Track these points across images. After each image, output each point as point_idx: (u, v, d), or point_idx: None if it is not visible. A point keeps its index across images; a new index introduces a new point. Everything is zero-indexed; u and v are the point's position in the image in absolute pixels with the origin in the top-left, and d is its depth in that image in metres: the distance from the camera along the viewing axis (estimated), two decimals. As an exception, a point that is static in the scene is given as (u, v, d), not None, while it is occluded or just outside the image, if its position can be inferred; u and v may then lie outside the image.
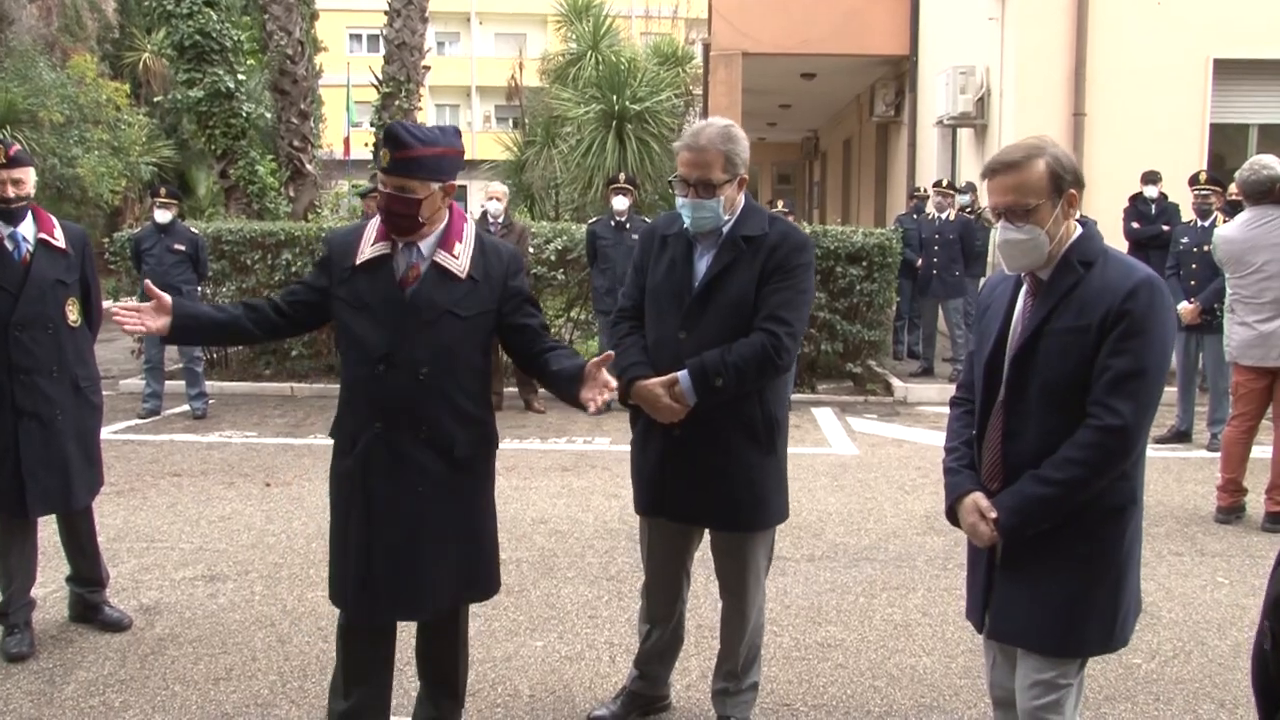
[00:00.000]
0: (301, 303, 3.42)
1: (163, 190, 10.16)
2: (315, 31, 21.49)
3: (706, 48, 17.46)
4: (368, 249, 3.29)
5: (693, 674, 4.35)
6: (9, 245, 4.49)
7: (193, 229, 10.25)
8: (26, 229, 4.54)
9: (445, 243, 3.28)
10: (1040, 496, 2.67)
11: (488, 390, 3.44)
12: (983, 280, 12.20)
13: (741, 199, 3.55)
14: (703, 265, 3.52)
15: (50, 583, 5.12)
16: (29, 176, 4.53)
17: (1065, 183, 2.72)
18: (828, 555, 5.84)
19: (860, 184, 21.92)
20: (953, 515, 2.93)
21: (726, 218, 3.49)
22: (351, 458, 3.30)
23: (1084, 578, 2.72)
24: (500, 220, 9.62)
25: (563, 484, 7.40)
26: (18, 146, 4.56)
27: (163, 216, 9.78)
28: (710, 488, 3.51)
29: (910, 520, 6.56)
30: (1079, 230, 2.77)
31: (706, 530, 3.73)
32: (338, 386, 3.45)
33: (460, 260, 3.27)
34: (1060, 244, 2.74)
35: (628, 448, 3.91)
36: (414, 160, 3.14)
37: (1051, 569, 2.74)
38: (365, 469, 3.28)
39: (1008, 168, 2.73)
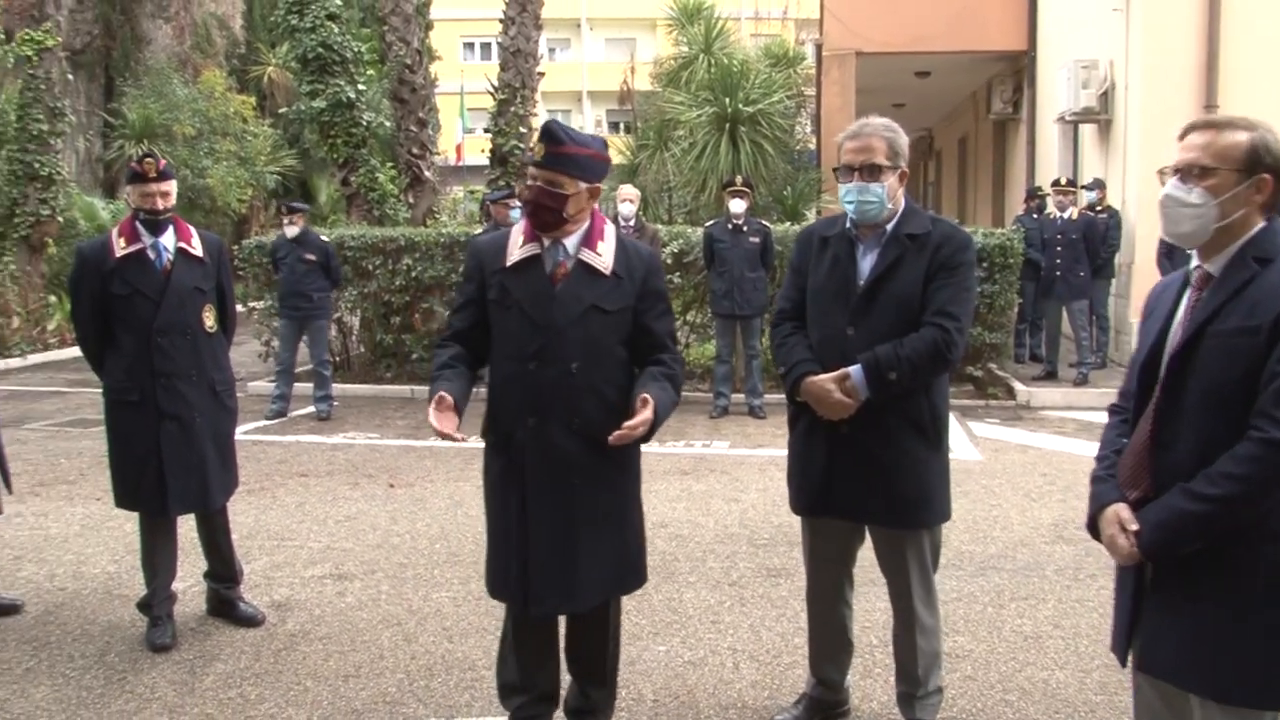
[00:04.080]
0: (477, 323, 3.49)
1: (285, 208, 10.56)
2: (430, 41, 21.87)
3: (819, 48, 17.31)
4: (517, 251, 3.40)
5: (877, 678, 4.31)
6: (151, 254, 4.68)
7: (323, 238, 10.54)
8: (168, 239, 4.72)
9: (589, 241, 3.38)
10: (1190, 513, 2.40)
11: (632, 383, 3.48)
12: (1113, 282, 11.89)
13: (902, 198, 3.56)
14: (867, 263, 3.53)
15: (189, 577, 5.29)
16: (173, 189, 4.73)
17: (1262, 165, 2.47)
18: (953, 563, 5.72)
19: (977, 183, 21.48)
20: (1094, 527, 2.70)
21: (889, 206, 3.48)
22: (507, 454, 3.39)
23: (1261, 612, 2.40)
24: (631, 224, 9.68)
25: (682, 488, 7.39)
26: (165, 161, 4.74)
27: (291, 231, 10.14)
28: (878, 484, 3.48)
29: (1038, 528, 6.39)
30: (1260, 224, 2.51)
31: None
32: None
33: (604, 257, 3.37)
34: (1235, 233, 2.50)
35: (746, 451, 3.92)
36: (567, 157, 3.27)
37: (1217, 599, 2.44)
38: (521, 464, 3.36)
39: (1206, 126, 2.54)
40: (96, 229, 16.87)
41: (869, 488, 3.50)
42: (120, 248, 4.65)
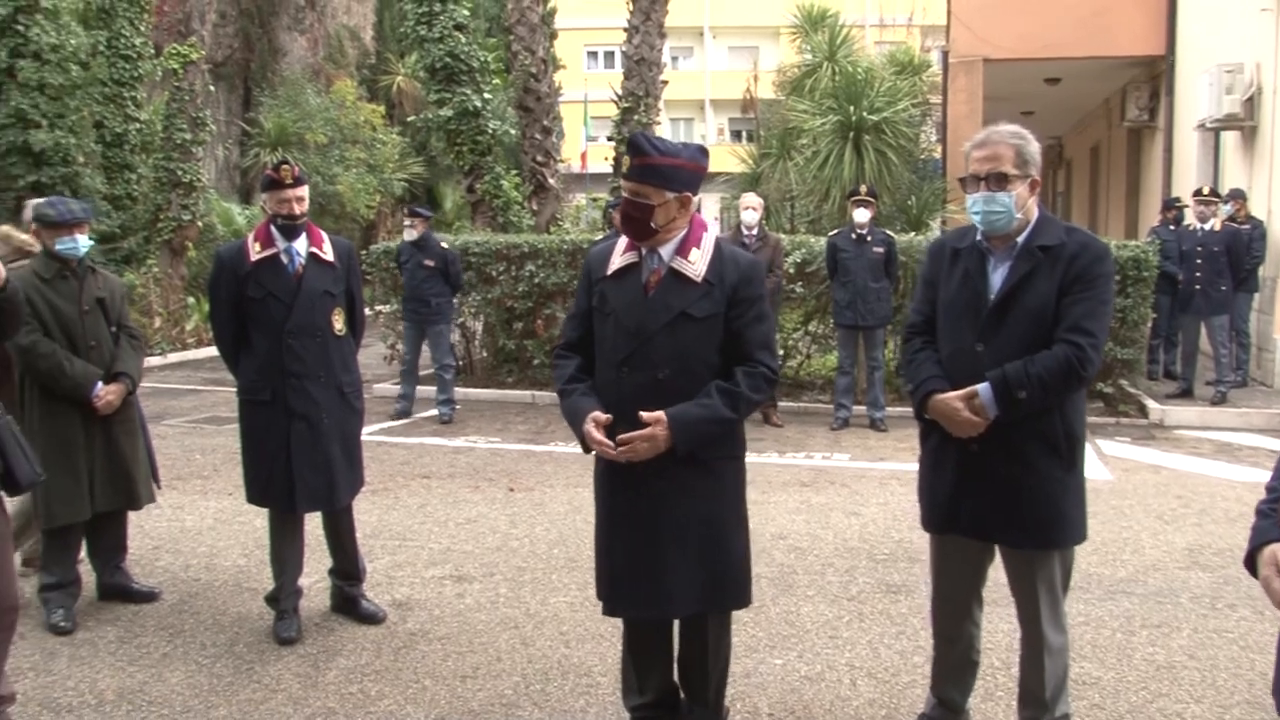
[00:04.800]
0: (589, 331, 3.56)
1: (406, 210, 10.78)
2: (555, 50, 22.22)
3: (945, 55, 16.99)
4: (618, 259, 3.47)
5: (999, 701, 4.21)
6: (285, 259, 4.81)
7: (444, 244, 10.73)
8: (300, 244, 4.85)
9: (683, 249, 3.40)
10: None
11: None
12: (1256, 296, 11.39)
13: (1035, 207, 3.45)
14: (998, 277, 3.43)
15: (314, 573, 5.42)
16: (306, 195, 4.86)
17: None
18: (1081, 586, 5.52)
19: (1109, 194, 20.84)
20: (1252, 563, 2.41)
21: (1019, 216, 3.38)
22: (605, 460, 3.44)
23: None
24: (755, 232, 9.63)
25: (801, 499, 7.31)
26: (299, 168, 4.88)
27: (410, 234, 10.35)
28: (1008, 503, 3.39)
29: (1171, 553, 6.14)
30: None
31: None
32: None
33: (696, 265, 3.38)
34: None
35: (867, 464, 3.85)
36: (651, 168, 3.30)
37: None
38: (612, 469, 3.43)
39: None
40: (233, 233, 17.48)
41: (999, 507, 3.40)
42: (256, 252, 4.79)
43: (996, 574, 3.66)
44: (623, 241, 3.50)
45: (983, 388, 3.32)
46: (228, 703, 4.27)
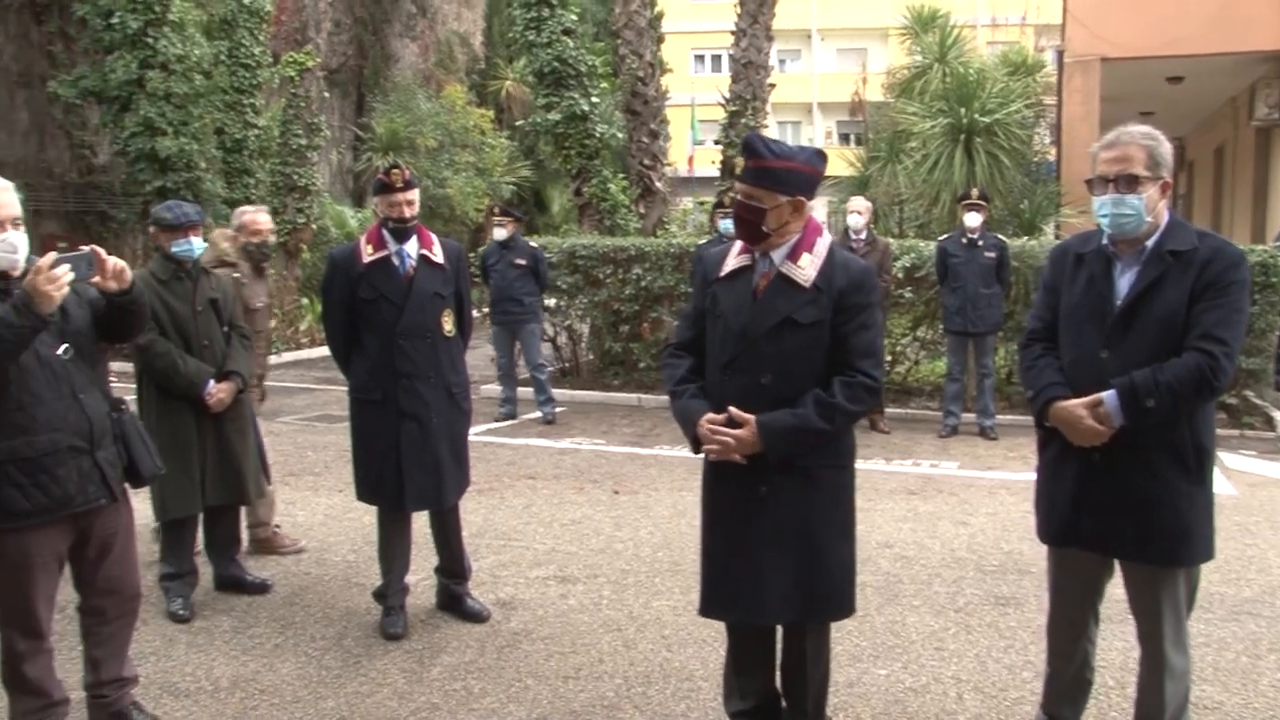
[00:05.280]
0: (701, 333, 3.54)
1: (496, 210, 10.85)
2: (662, 54, 22.22)
3: (1060, 55, 16.54)
4: (731, 261, 3.45)
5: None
6: (396, 261, 4.89)
7: (532, 243, 10.81)
8: (411, 246, 4.92)
9: (794, 254, 3.36)
10: None
11: None
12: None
13: (1165, 210, 3.33)
14: (1125, 282, 3.31)
15: (421, 571, 5.49)
16: (417, 198, 4.93)
17: None
18: (1203, 605, 5.27)
19: (1234, 196, 20.09)
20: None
21: (1148, 219, 3.26)
22: (708, 461, 3.44)
23: None
24: (862, 236, 9.52)
25: (908, 507, 7.19)
26: (410, 172, 4.96)
27: (500, 234, 10.43)
28: (1131, 516, 3.27)
29: (1299, 570, 5.90)
30: None
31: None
32: None
33: (806, 270, 3.33)
34: None
35: (976, 473, 3.76)
36: (765, 171, 3.27)
37: None
38: (715, 471, 3.44)
39: None
40: (345, 236, 17.89)
41: (1121, 520, 3.28)
42: (368, 254, 4.88)
43: (1114, 590, 3.54)
44: (738, 244, 3.48)
45: (1108, 395, 3.20)
46: (335, 694, 4.36)
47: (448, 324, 4.96)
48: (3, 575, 3.63)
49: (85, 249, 3.51)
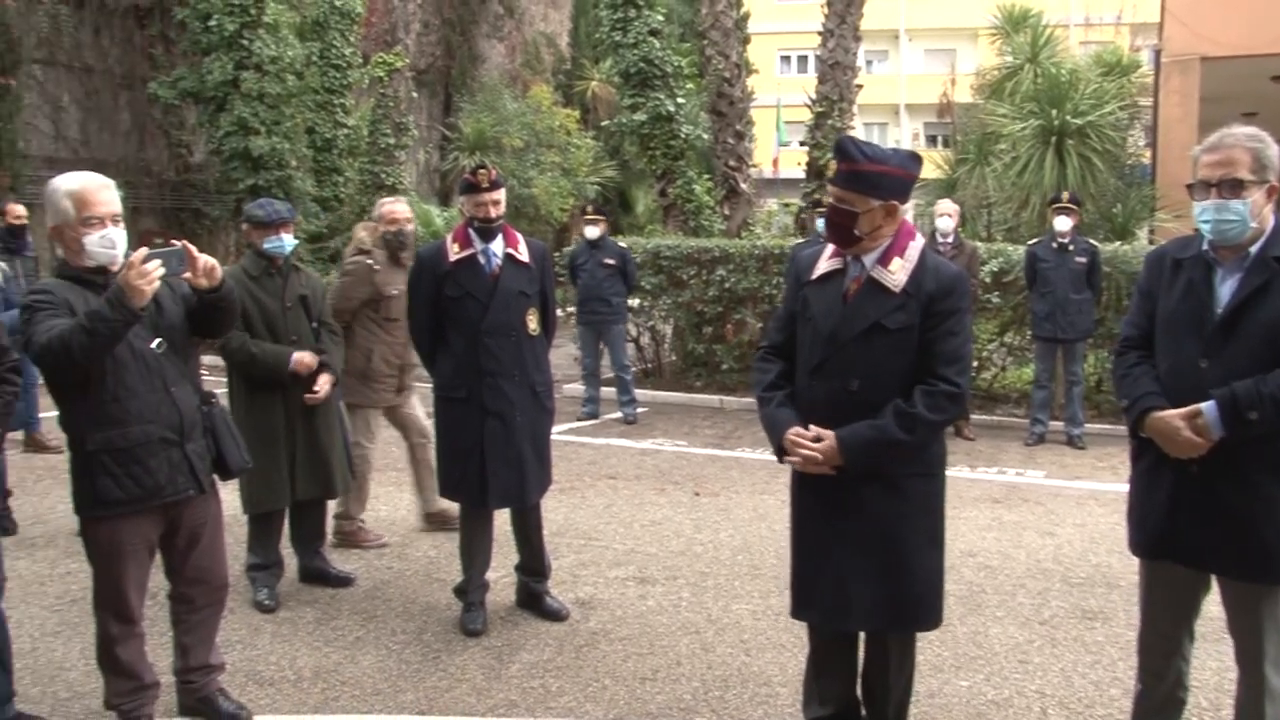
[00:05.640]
0: (792, 336, 3.52)
1: (589, 208, 10.85)
2: (748, 55, 22.17)
3: (1157, 54, 16.11)
4: (823, 264, 3.42)
5: None
6: (482, 259, 4.93)
7: (620, 243, 10.82)
8: (497, 245, 4.96)
9: (885, 258, 3.31)
10: None
11: None
12: None
13: (1271, 215, 3.19)
14: (1226, 289, 3.19)
15: (501, 568, 5.52)
16: (503, 198, 4.97)
17: None
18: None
19: (1341, 201, 19.41)
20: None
21: (1253, 225, 3.13)
22: (795, 467, 3.42)
23: None
24: (950, 239, 9.39)
25: (993, 516, 7.06)
26: (496, 171, 4.99)
27: (592, 232, 10.43)
28: (1230, 531, 3.14)
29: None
30: None
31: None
32: None
33: (896, 275, 3.29)
34: None
35: (1062, 482, 3.67)
36: (858, 174, 3.23)
37: None
38: (799, 477, 3.42)
39: None
40: (431, 234, 18.07)
41: (1219, 534, 3.16)
42: (454, 253, 4.93)
43: (1210, 607, 3.42)
44: (830, 246, 3.44)
45: (1208, 406, 3.08)
46: (415, 688, 4.41)
47: (532, 322, 4.99)
48: (97, 560, 3.77)
49: (176, 245, 3.59)
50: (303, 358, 5.27)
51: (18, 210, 9.27)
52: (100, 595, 3.82)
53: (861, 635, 3.55)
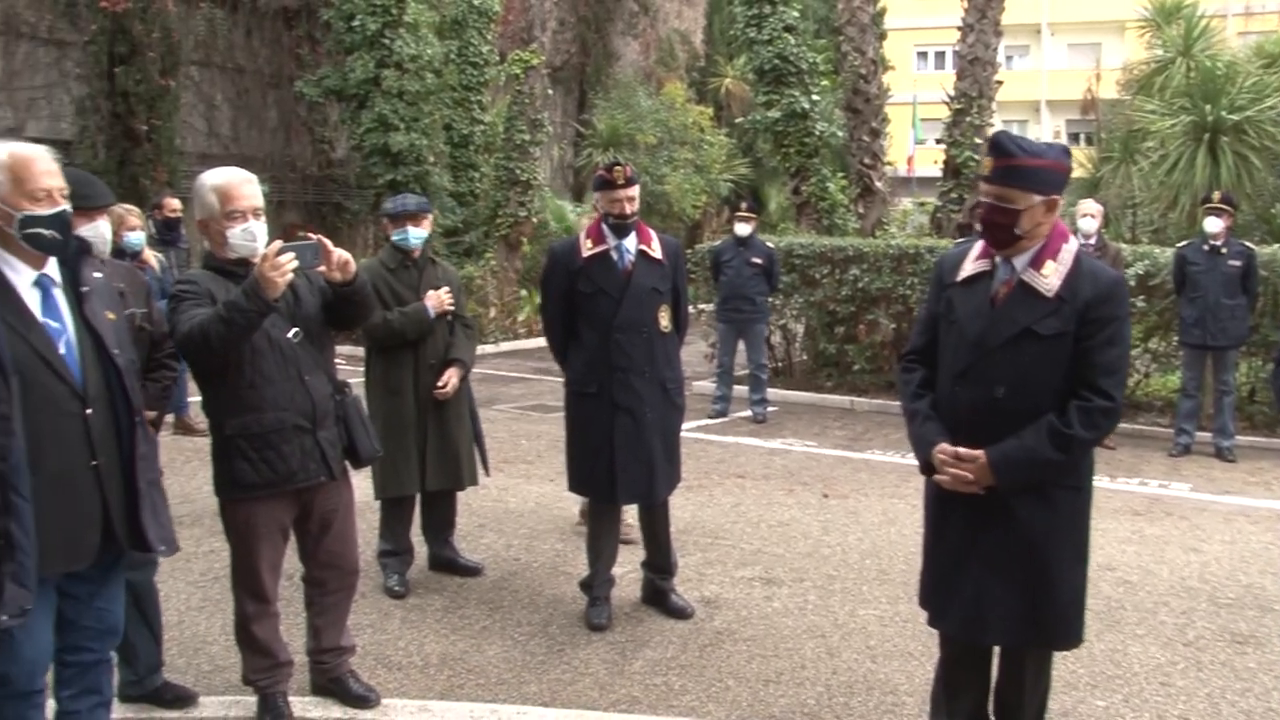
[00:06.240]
0: (935, 340, 3.40)
1: (743, 205, 10.72)
2: (884, 51, 21.86)
3: (1328, 43, 15.35)
4: (969, 265, 3.29)
5: None
6: (615, 255, 4.94)
7: (768, 243, 10.74)
8: (630, 241, 4.96)
9: (1037, 260, 3.17)
10: None
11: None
12: None
13: None
14: None
15: (627, 564, 5.54)
16: (637, 194, 4.96)
17: None
18: None
19: None
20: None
21: None
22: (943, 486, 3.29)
23: None
24: (1093, 241, 9.08)
25: (1133, 529, 6.79)
26: (631, 168, 4.99)
27: (742, 230, 10.33)
28: None
29: None
30: None
31: None
32: (897, 403, 3.46)
33: (1049, 279, 3.14)
34: None
35: (1210, 496, 3.50)
36: (1017, 170, 3.09)
37: None
38: (937, 485, 3.29)
39: None
40: (565, 230, 18.28)
41: None
42: (587, 249, 4.95)
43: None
44: (977, 247, 3.32)
45: None
46: (538, 680, 4.44)
47: (664, 319, 4.98)
48: (234, 541, 3.91)
49: (312, 239, 3.68)
50: (435, 295, 5.36)
51: (173, 204, 9.66)
52: (237, 575, 3.95)
53: (995, 648, 3.44)
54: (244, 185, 3.77)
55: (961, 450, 3.15)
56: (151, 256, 7.68)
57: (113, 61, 14.19)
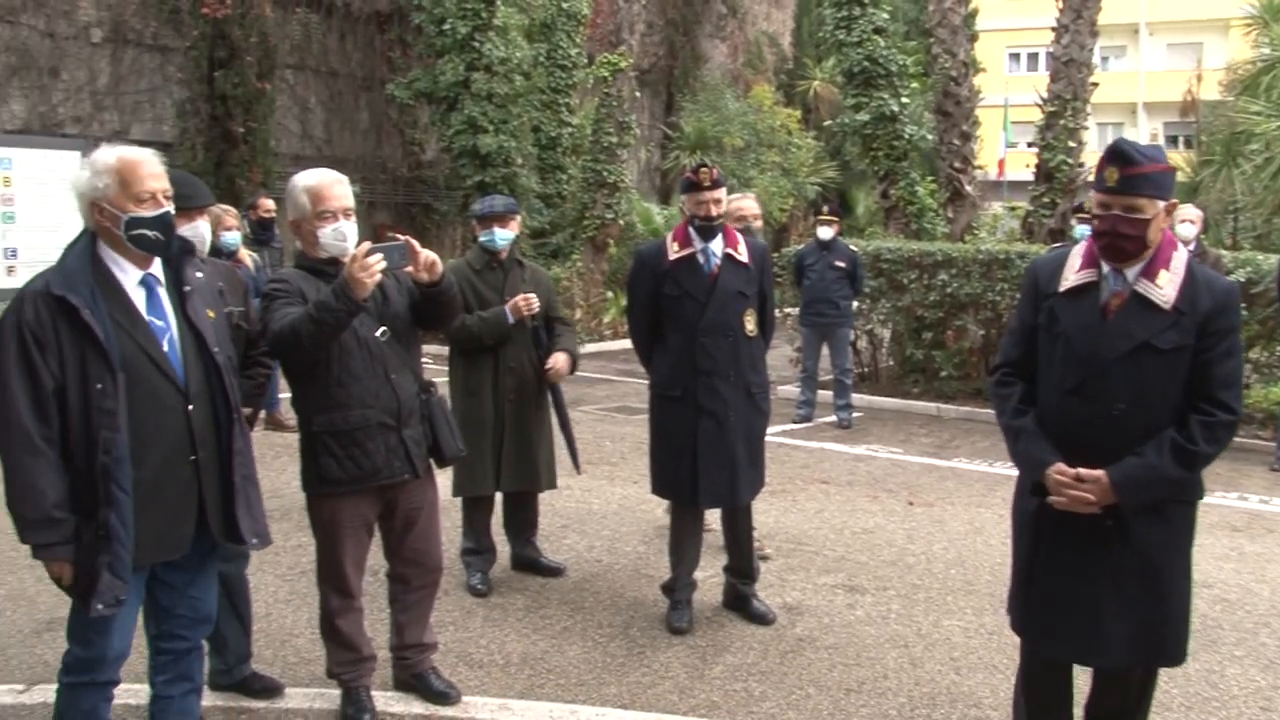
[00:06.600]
0: (1032, 351, 3.27)
1: (825, 208, 10.65)
2: (975, 53, 21.51)
3: None
4: (1072, 275, 3.15)
5: None
6: (701, 259, 4.92)
7: (851, 246, 10.65)
8: (716, 244, 4.94)
9: (1149, 270, 3.05)
10: None
11: None
12: None
13: None
14: None
15: (709, 568, 5.51)
16: (724, 197, 4.94)
17: None
18: None
19: None
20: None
21: None
22: (1039, 496, 3.17)
23: None
24: (1192, 247, 8.82)
25: (1231, 545, 6.58)
26: (718, 170, 4.98)
27: (825, 233, 10.25)
28: None
29: None
30: None
31: None
32: (985, 411, 3.37)
33: (1165, 290, 3.02)
34: None
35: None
36: (1144, 177, 2.98)
37: None
38: (1047, 506, 3.15)
39: None
40: (651, 232, 18.31)
41: None
42: (674, 251, 4.94)
43: None
44: (1076, 255, 3.19)
45: None
46: (618, 681, 4.44)
47: (750, 323, 4.95)
48: (319, 536, 3.98)
49: (400, 239, 3.73)
50: (515, 301, 5.34)
51: (267, 204, 9.88)
52: (322, 569, 4.02)
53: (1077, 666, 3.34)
54: (335, 186, 3.84)
55: (1082, 471, 3.04)
56: (246, 256, 7.84)
57: (212, 66, 14.57)
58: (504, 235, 5.47)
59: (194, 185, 3.94)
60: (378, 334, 3.86)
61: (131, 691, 3.90)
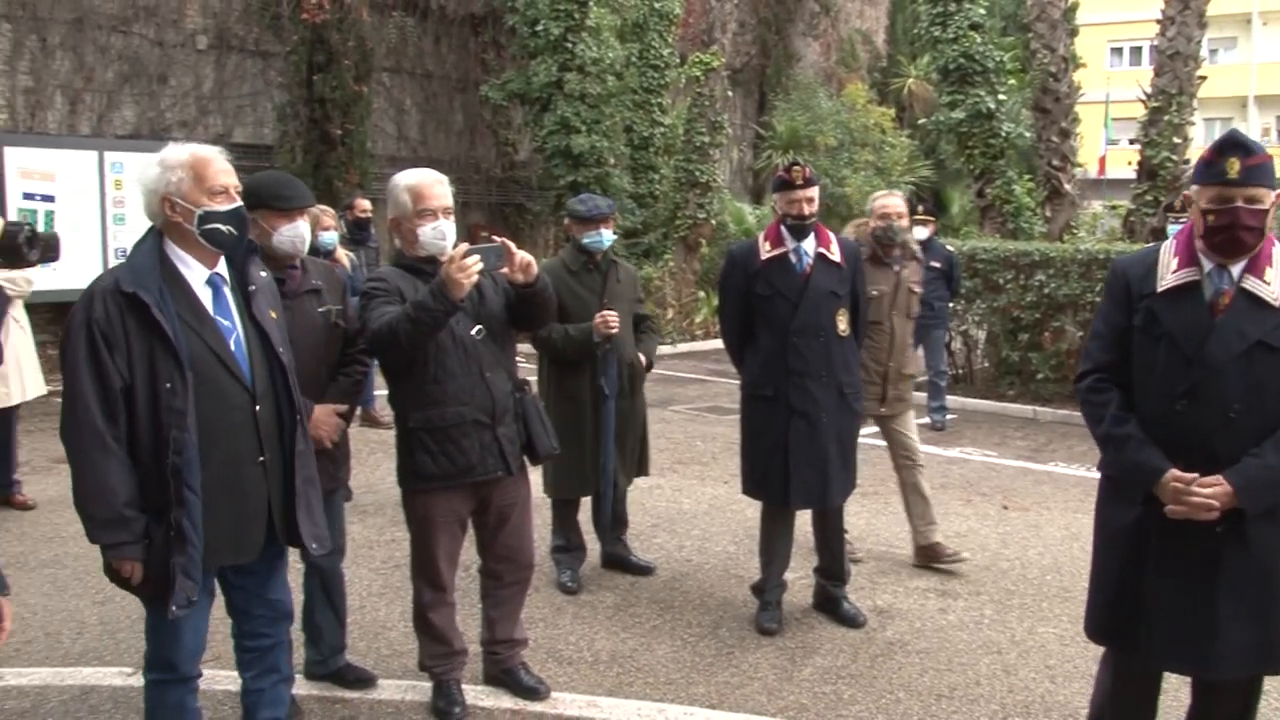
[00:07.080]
0: (1126, 355, 3.16)
1: (920, 208, 10.50)
2: (1075, 47, 21.04)
3: None
4: (1170, 275, 3.06)
5: None
6: (793, 258, 4.90)
7: (948, 246, 10.49)
8: (809, 244, 4.91)
9: (1254, 266, 2.97)
10: None
11: None
12: None
13: None
14: None
15: (800, 569, 5.49)
16: (816, 196, 4.91)
17: None
18: None
19: None
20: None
21: None
22: (1142, 505, 3.07)
23: None
24: None
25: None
26: (810, 169, 4.95)
27: (920, 233, 10.09)
28: None
29: None
30: None
31: None
32: (1078, 414, 3.27)
33: (1273, 287, 2.94)
34: None
35: None
36: (1263, 167, 2.91)
37: None
38: (1158, 515, 3.04)
39: None
40: (744, 232, 18.24)
41: None
42: (766, 251, 4.92)
43: None
44: (1167, 252, 3.09)
45: None
46: (706, 681, 4.44)
47: (842, 323, 4.92)
48: (413, 531, 4.06)
49: (496, 241, 3.77)
50: (602, 314, 5.29)
51: (364, 204, 10.07)
52: (416, 563, 4.09)
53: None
54: (435, 186, 3.91)
55: (1202, 477, 2.94)
56: (343, 255, 8.01)
57: (311, 70, 14.87)
58: (609, 236, 5.49)
59: (295, 186, 4.03)
60: (473, 333, 3.91)
61: (231, 678, 4.01)
